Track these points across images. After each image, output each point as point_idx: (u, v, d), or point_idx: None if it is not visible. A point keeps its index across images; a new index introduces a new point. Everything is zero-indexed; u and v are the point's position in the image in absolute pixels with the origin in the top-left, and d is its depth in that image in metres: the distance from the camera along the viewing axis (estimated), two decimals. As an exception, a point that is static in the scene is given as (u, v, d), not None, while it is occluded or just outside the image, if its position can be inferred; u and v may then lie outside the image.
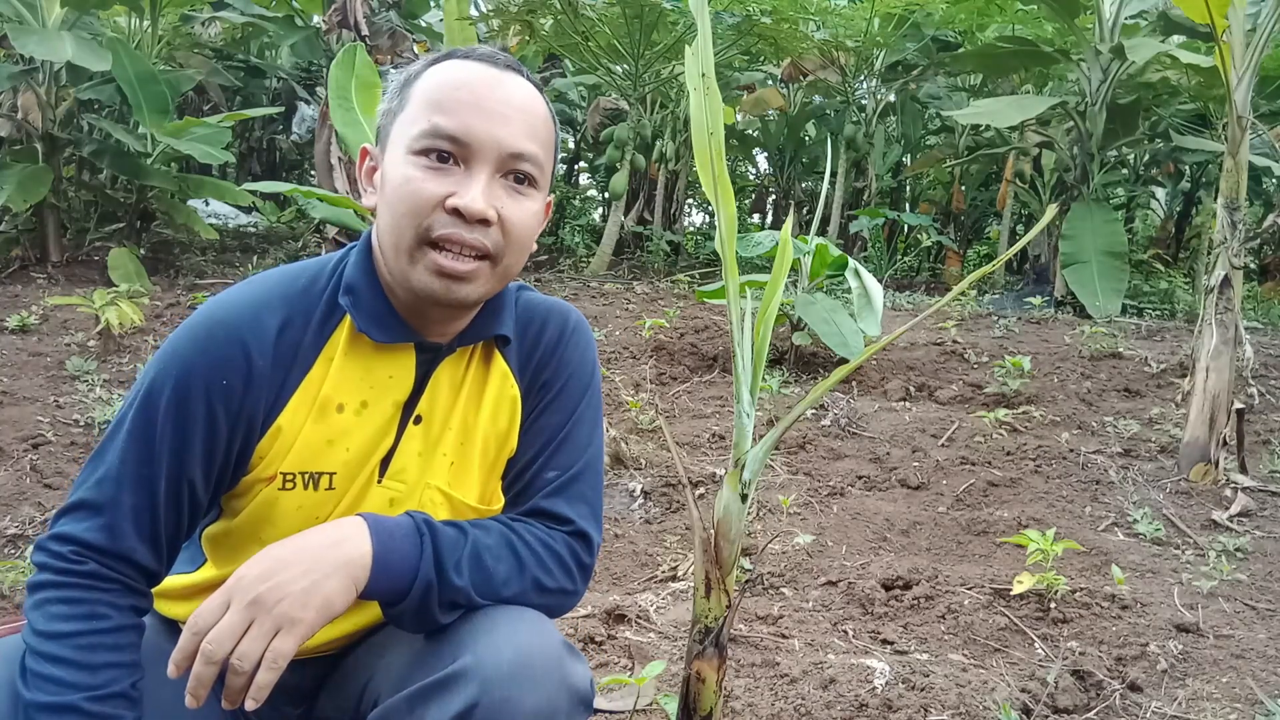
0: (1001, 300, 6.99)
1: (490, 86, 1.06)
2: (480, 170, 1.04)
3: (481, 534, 1.10)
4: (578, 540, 1.17)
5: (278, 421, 1.07)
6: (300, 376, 1.08)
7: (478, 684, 0.97)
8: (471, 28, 6.93)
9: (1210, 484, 3.22)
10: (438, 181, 1.03)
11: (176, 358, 1.05)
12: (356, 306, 1.09)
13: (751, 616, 2.21)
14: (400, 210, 1.04)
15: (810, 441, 3.53)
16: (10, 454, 2.89)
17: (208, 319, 1.07)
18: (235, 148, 8.84)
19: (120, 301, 4.06)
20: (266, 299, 1.09)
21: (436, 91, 1.06)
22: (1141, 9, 6.67)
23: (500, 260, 1.07)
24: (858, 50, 7.82)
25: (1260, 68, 3.23)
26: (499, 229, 1.05)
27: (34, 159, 5.81)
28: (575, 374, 1.22)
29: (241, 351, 1.05)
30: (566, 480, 1.19)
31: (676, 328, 5.11)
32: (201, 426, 1.04)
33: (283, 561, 0.99)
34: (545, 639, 1.04)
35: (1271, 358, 4.99)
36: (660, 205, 8.48)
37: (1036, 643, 2.14)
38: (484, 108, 1.04)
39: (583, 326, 1.26)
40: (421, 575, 1.02)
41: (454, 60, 1.09)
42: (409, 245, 1.04)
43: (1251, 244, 5.69)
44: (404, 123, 1.07)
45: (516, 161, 1.06)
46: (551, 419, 1.20)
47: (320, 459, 1.10)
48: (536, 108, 1.10)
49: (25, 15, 5.58)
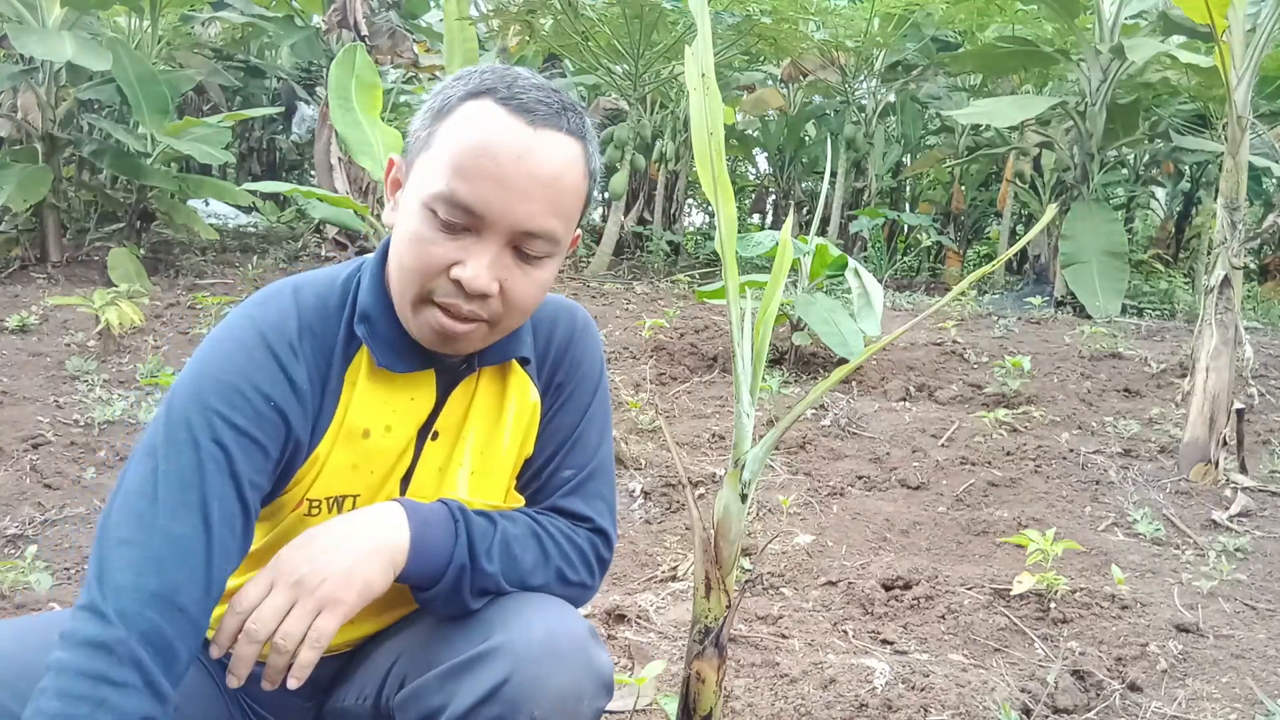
0: (1001, 300, 6.99)
1: (517, 157, 0.99)
2: (491, 242, 1.01)
3: (509, 524, 1.12)
4: (598, 536, 1.19)
5: (316, 450, 1.08)
6: (334, 404, 1.08)
7: (510, 661, 0.99)
8: (471, 28, 6.92)
9: (1210, 484, 3.22)
10: (446, 246, 1.00)
11: (215, 381, 1.01)
12: (373, 337, 1.08)
13: (751, 616, 2.21)
14: (407, 264, 1.03)
15: (810, 441, 3.53)
16: (10, 454, 2.89)
17: (248, 339, 1.04)
18: (235, 148, 8.84)
19: (120, 301, 4.06)
20: (299, 322, 1.06)
21: (460, 151, 0.99)
22: (1141, 9, 6.67)
23: (499, 324, 1.06)
24: (858, 50, 7.82)
25: (1260, 68, 3.23)
26: (499, 300, 1.03)
27: (34, 159, 5.81)
28: (586, 373, 1.23)
29: (283, 377, 1.03)
30: (583, 479, 1.20)
31: (676, 328, 5.11)
32: (253, 447, 1.01)
33: (324, 544, 1.00)
34: (573, 622, 1.07)
35: (1271, 358, 4.99)
36: (660, 205, 8.48)
37: (1036, 643, 2.14)
38: (505, 181, 0.98)
39: (590, 324, 1.26)
40: (456, 559, 1.05)
41: (490, 103, 1.00)
42: (412, 299, 1.04)
43: (1251, 244, 5.69)
44: (426, 164, 1.02)
45: (530, 240, 1.02)
46: (565, 419, 1.21)
47: (346, 483, 1.11)
48: (566, 177, 1.02)
49: (25, 15, 5.57)
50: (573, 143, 1.04)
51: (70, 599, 2.08)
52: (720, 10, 7.00)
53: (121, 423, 3.23)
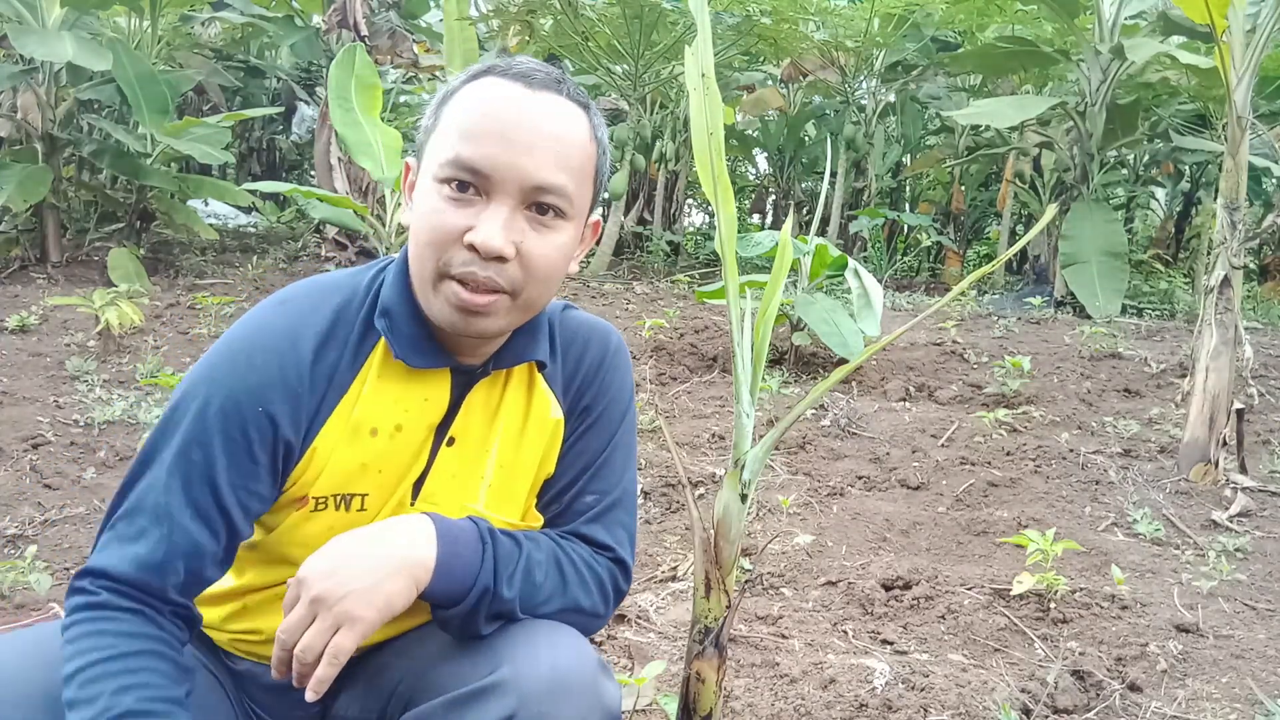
0: (1001, 300, 6.99)
1: (519, 113, 1.01)
2: (502, 203, 1.00)
3: (534, 547, 1.10)
4: (618, 567, 1.18)
5: (314, 445, 1.07)
6: (336, 400, 1.07)
7: (515, 697, 0.98)
8: (471, 28, 6.93)
9: (1210, 484, 3.22)
10: (458, 213, 1.00)
11: (216, 383, 1.03)
12: (392, 331, 1.07)
13: (751, 616, 2.21)
14: (422, 240, 1.02)
15: (810, 441, 3.53)
16: (10, 454, 2.89)
17: (246, 343, 1.05)
18: (235, 148, 8.84)
19: (120, 302, 4.06)
20: (301, 323, 1.07)
21: (465, 116, 1.02)
22: (1141, 9, 6.67)
23: (520, 294, 1.04)
24: (857, 50, 7.82)
25: (1260, 68, 3.23)
26: (518, 264, 1.02)
27: (34, 159, 5.81)
28: (615, 399, 1.21)
29: (280, 377, 1.03)
30: (606, 507, 1.19)
31: (676, 328, 5.11)
32: (242, 451, 1.02)
33: (349, 557, 0.99)
34: (582, 656, 1.05)
35: (1271, 358, 4.99)
36: (660, 205, 8.48)
37: (1036, 643, 2.14)
38: (509, 136, 1.00)
39: (623, 350, 1.25)
40: (479, 583, 1.03)
41: (489, 78, 1.04)
42: (430, 275, 1.03)
43: (1251, 244, 5.69)
44: (435, 145, 1.04)
45: (540, 194, 1.01)
46: (591, 443, 1.19)
47: (353, 482, 1.09)
48: (570, 133, 1.04)
49: (25, 15, 5.57)
50: (574, 106, 1.05)
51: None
52: (720, 10, 7.00)
53: (121, 423, 3.23)
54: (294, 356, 1.04)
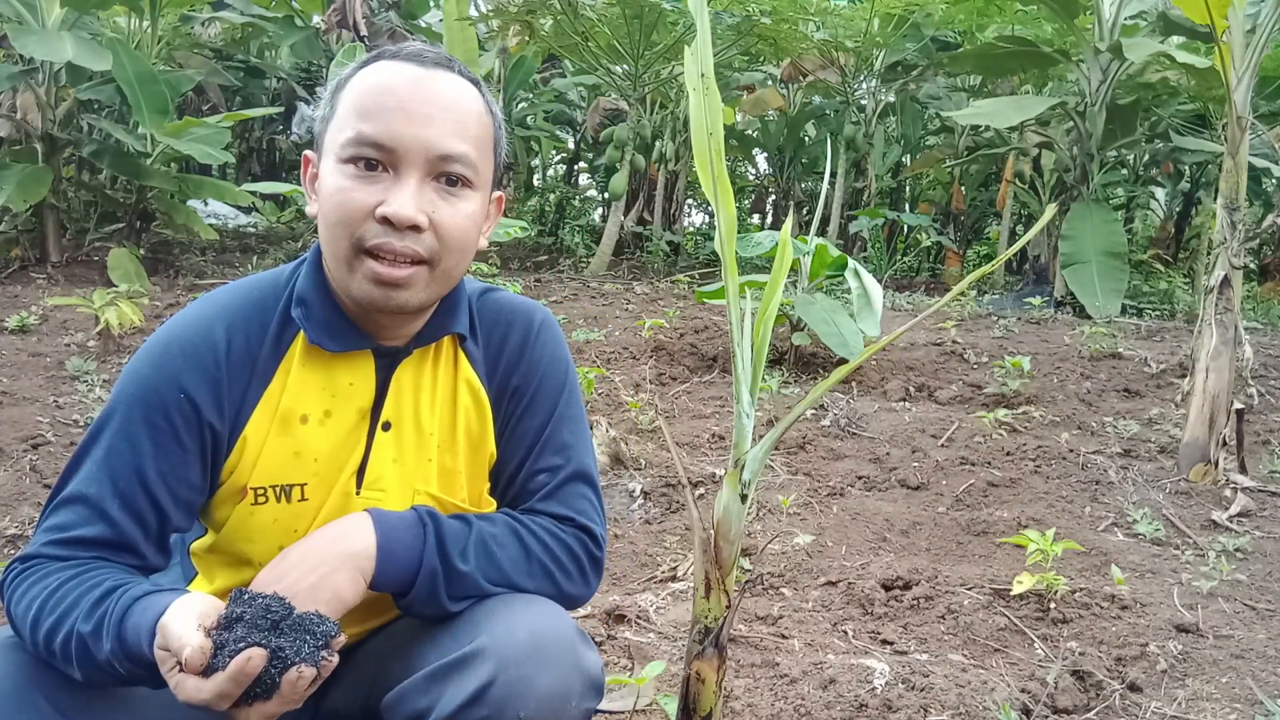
0: (1001, 300, 6.99)
1: (414, 87, 1.04)
2: (409, 175, 1.03)
3: (486, 524, 1.12)
4: (584, 534, 1.18)
5: (244, 434, 1.09)
6: (261, 389, 1.09)
7: (494, 662, 1.00)
8: (471, 28, 6.93)
9: (1210, 484, 3.22)
10: (367, 190, 1.02)
11: (136, 377, 1.07)
12: (308, 318, 1.09)
13: (751, 616, 2.21)
14: (333, 220, 1.04)
15: (810, 441, 3.53)
16: (10, 454, 2.89)
17: (163, 337, 1.09)
18: (235, 148, 8.85)
19: (120, 302, 4.06)
20: (216, 313, 1.10)
21: (362, 97, 1.04)
22: (1141, 9, 6.67)
23: (438, 264, 1.06)
24: (857, 50, 7.82)
25: (1260, 68, 3.23)
26: (432, 234, 1.04)
27: (34, 159, 5.81)
28: (548, 374, 1.22)
29: (196, 365, 1.06)
30: (560, 481, 1.19)
31: (676, 328, 5.11)
32: (168, 437, 1.05)
33: (292, 562, 1.03)
34: (559, 623, 1.07)
35: (1271, 358, 4.99)
36: (660, 205, 8.49)
37: (1036, 643, 2.14)
38: (408, 110, 1.03)
39: (549, 324, 1.25)
40: (426, 564, 1.05)
41: (381, 62, 1.07)
42: (345, 254, 1.04)
43: (1251, 244, 5.69)
44: (334, 130, 1.06)
45: (446, 164, 1.04)
46: (531, 422, 1.20)
47: (289, 472, 1.11)
48: (467, 104, 1.07)
49: (25, 15, 5.58)
50: (466, 83, 1.09)
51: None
52: (720, 10, 7.00)
53: (121, 423, 3.23)
54: (208, 342, 1.07)
